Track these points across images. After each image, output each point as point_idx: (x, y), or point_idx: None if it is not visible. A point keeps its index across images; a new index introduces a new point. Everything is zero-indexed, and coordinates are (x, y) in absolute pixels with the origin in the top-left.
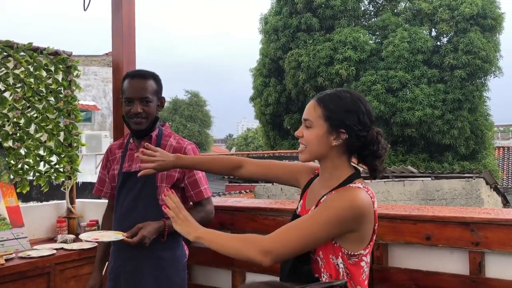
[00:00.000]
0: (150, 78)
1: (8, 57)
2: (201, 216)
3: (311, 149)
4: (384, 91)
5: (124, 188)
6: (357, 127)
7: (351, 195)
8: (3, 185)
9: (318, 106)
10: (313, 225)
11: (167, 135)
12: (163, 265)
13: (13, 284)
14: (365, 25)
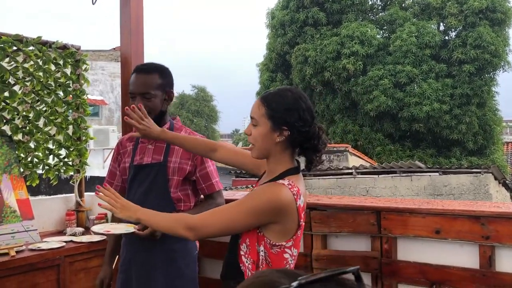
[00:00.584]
0: (154, 72)
1: (18, 51)
2: (212, 208)
3: (258, 146)
4: (392, 85)
5: (136, 181)
6: (298, 123)
7: (272, 190)
8: (13, 178)
9: (262, 105)
10: (234, 213)
11: (178, 128)
12: (174, 257)
13: (23, 276)
14: (372, 19)
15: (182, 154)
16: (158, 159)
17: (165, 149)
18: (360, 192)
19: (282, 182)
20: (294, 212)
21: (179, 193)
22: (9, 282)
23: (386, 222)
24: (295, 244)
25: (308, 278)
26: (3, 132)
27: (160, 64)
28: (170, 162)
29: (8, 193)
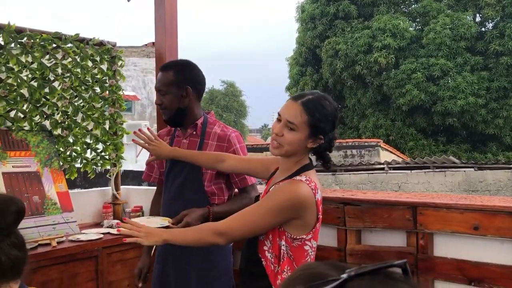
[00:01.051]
0: (170, 70)
1: (57, 48)
2: (245, 202)
3: (288, 149)
4: (425, 79)
5: (171, 174)
6: (331, 132)
7: (292, 188)
8: (53, 171)
9: (304, 112)
10: (258, 214)
11: (212, 123)
12: (209, 249)
13: (64, 266)
14: (405, 11)
15: (216, 148)
16: None
17: (199, 143)
18: (392, 187)
19: (300, 179)
20: (314, 206)
21: (213, 186)
22: (52, 271)
23: (422, 217)
24: (314, 236)
25: (357, 271)
26: (44, 127)
27: (183, 60)
28: None
29: (49, 186)
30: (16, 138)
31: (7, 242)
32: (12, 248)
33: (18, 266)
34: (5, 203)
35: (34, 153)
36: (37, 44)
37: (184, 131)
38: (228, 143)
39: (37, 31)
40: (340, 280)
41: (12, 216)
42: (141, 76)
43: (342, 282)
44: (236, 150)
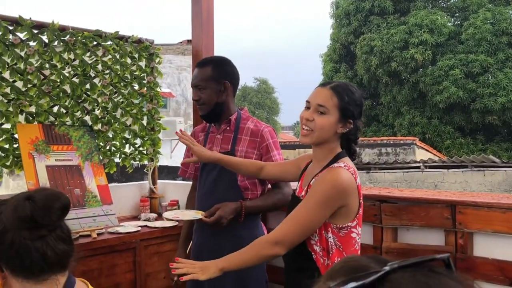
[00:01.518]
0: (208, 65)
1: (97, 46)
2: (278, 198)
3: (319, 134)
4: (463, 76)
5: (206, 169)
6: (359, 118)
7: (332, 176)
8: (94, 165)
9: (334, 95)
10: (307, 212)
11: (245, 119)
12: (242, 243)
13: (104, 257)
14: (443, 6)
15: (249, 143)
16: (225, 148)
17: (233, 138)
18: (428, 186)
19: (338, 165)
20: (355, 191)
21: (246, 181)
22: (92, 262)
23: (461, 216)
24: (359, 222)
25: (400, 263)
26: (85, 122)
27: (219, 56)
28: (237, 151)
29: (90, 179)
30: (58, 132)
31: (53, 236)
32: (59, 242)
33: (64, 259)
34: (50, 199)
35: (75, 147)
36: (79, 42)
37: (218, 126)
38: (261, 138)
39: (79, 29)
40: (383, 272)
41: (56, 212)
42: (176, 74)
43: (384, 274)
44: (269, 145)
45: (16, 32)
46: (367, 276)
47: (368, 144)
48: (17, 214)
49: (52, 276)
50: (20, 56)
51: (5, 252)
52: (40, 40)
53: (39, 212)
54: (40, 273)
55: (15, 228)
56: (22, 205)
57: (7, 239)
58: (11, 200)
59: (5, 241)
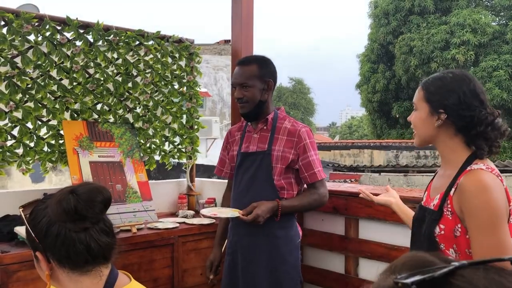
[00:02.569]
0: (252, 64)
1: (140, 45)
2: (314, 198)
3: (418, 132)
4: (508, 77)
5: (242, 168)
6: (457, 106)
7: (482, 183)
8: (134, 161)
9: (421, 89)
10: (494, 237)
11: (282, 118)
12: (277, 243)
13: (143, 251)
14: (487, 5)
15: (286, 143)
16: (262, 147)
17: (269, 138)
18: None
19: (480, 167)
20: (505, 194)
21: (282, 181)
22: (132, 256)
23: None
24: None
25: (469, 261)
26: (127, 120)
27: (262, 55)
28: (274, 151)
29: (131, 176)
30: (101, 129)
31: (96, 229)
32: (101, 235)
33: (107, 252)
34: (92, 193)
35: (117, 144)
36: (122, 41)
37: (255, 126)
38: (298, 138)
39: (122, 28)
40: (453, 267)
41: (99, 205)
42: (213, 73)
43: (454, 269)
44: (306, 145)
45: (63, 31)
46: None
47: (406, 147)
48: (62, 207)
49: (96, 268)
50: (67, 55)
51: (52, 244)
52: (86, 39)
53: (82, 205)
54: (85, 264)
55: (60, 221)
56: (67, 198)
57: (54, 231)
58: (57, 194)
59: (51, 233)
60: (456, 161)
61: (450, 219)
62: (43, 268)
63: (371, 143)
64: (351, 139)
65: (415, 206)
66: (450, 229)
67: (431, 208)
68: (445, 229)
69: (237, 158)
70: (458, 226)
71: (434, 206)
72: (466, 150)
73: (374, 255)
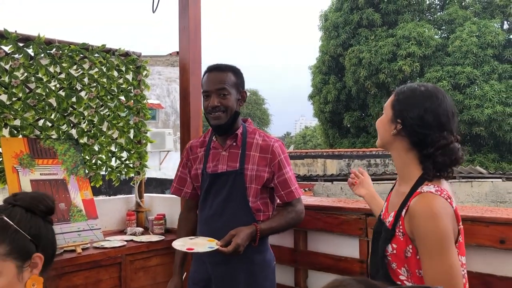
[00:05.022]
0: (228, 71)
1: (84, 59)
2: (292, 217)
3: (379, 134)
4: (451, 87)
5: (212, 190)
6: (414, 121)
7: (431, 209)
8: (79, 179)
9: (394, 94)
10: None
11: (251, 132)
12: (254, 270)
13: (88, 272)
14: (430, 19)
15: (259, 160)
16: (233, 166)
17: (241, 155)
18: None
19: (429, 191)
20: (453, 218)
21: (258, 202)
22: (76, 277)
23: None
24: (461, 251)
25: None
26: (71, 136)
27: (231, 64)
28: (247, 170)
29: (75, 193)
30: (44, 146)
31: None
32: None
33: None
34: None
35: (61, 161)
36: (65, 55)
37: (222, 142)
38: (272, 154)
39: (66, 42)
40: None
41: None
42: (166, 85)
43: None
44: (281, 162)
45: (1, 45)
46: None
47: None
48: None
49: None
50: (5, 69)
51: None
52: (26, 53)
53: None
54: None
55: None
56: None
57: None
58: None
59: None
60: (409, 177)
61: (401, 240)
62: (34, 272)
63: (324, 153)
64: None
65: (360, 217)
66: (402, 249)
67: (387, 225)
68: (397, 249)
69: (204, 178)
70: (409, 247)
71: (389, 223)
72: (418, 168)
73: (322, 266)
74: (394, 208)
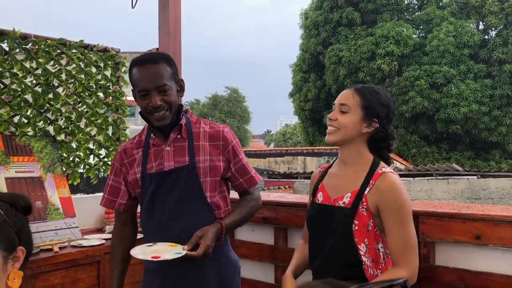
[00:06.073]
0: (162, 61)
1: (61, 54)
2: (252, 205)
3: (344, 132)
4: (428, 86)
5: (160, 192)
6: (385, 119)
7: (396, 184)
8: (56, 176)
9: (357, 95)
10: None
11: (195, 122)
12: (223, 273)
13: (66, 271)
14: (408, 19)
15: (211, 150)
16: (182, 161)
17: (189, 147)
18: None
19: (390, 171)
20: None
21: (217, 197)
22: (53, 277)
23: (424, 226)
24: None
25: None
26: (47, 133)
27: (160, 51)
28: (199, 162)
29: (52, 191)
30: (19, 143)
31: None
32: None
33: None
34: (15, 197)
35: (37, 158)
36: (41, 50)
37: (163, 138)
38: (224, 141)
39: (42, 37)
40: None
41: (21, 211)
42: None
43: None
44: (235, 147)
45: None
46: None
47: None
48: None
49: (25, 263)
50: None
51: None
52: (0, 48)
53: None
54: None
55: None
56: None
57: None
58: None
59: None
60: (360, 163)
61: (365, 215)
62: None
63: (304, 150)
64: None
65: None
66: (364, 224)
67: (341, 206)
68: (359, 225)
69: (145, 182)
70: (370, 221)
71: (346, 203)
72: (369, 155)
73: None
74: (346, 190)
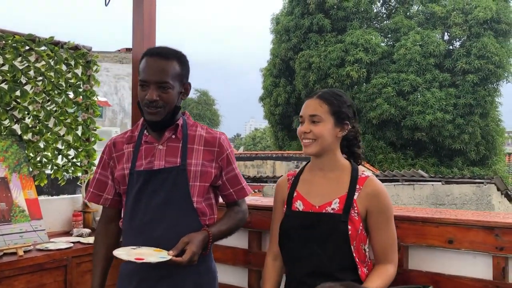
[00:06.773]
0: (173, 59)
1: (30, 51)
2: (240, 218)
3: (321, 142)
4: (395, 94)
5: (146, 191)
6: (353, 119)
7: (381, 187)
8: (22, 177)
9: (324, 103)
10: (393, 227)
11: (192, 125)
12: (200, 282)
13: (31, 276)
14: (377, 27)
15: (204, 154)
16: (173, 162)
17: (182, 149)
18: None
19: (370, 175)
20: None
21: (203, 203)
22: (17, 282)
23: (398, 230)
24: None
25: None
26: (14, 131)
27: (178, 49)
28: (190, 165)
29: (17, 193)
30: None
31: None
32: None
33: None
34: None
35: (2, 158)
36: (9, 46)
37: (158, 136)
38: (219, 148)
39: (10, 32)
40: None
41: None
42: (113, 82)
43: None
44: (229, 155)
45: None
46: None
47: (306, 158)
48: None
49: None
50: None
51: None
52: None
53: None
54: None
55: None
56: None
57: None
58: None
59: None
60: (339, 169)
61: (356, 219)
62: None
63: (274, 154)
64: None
65: None
66: (356, 228)
67: (330, 212)
68: (352, 229)
69: (132, 180)
70: (361, 224)
71: (336, 210)
72: (343, 158)
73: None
74: (333, 196)
